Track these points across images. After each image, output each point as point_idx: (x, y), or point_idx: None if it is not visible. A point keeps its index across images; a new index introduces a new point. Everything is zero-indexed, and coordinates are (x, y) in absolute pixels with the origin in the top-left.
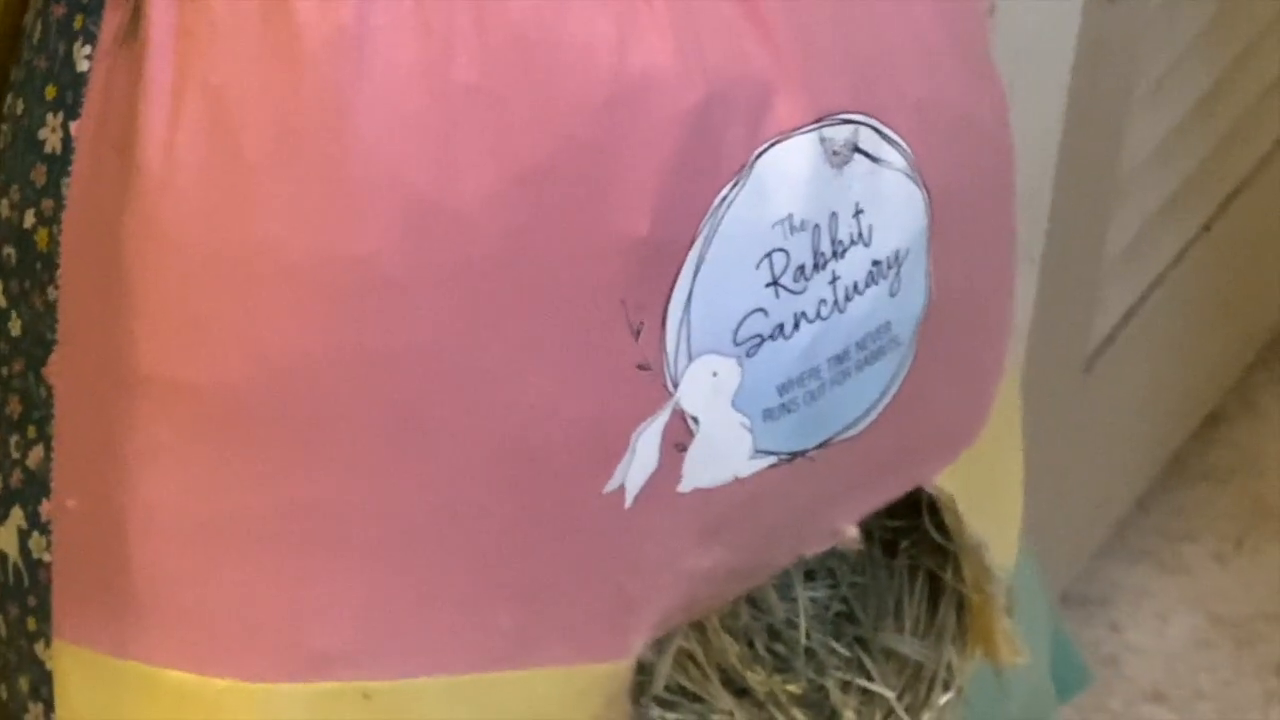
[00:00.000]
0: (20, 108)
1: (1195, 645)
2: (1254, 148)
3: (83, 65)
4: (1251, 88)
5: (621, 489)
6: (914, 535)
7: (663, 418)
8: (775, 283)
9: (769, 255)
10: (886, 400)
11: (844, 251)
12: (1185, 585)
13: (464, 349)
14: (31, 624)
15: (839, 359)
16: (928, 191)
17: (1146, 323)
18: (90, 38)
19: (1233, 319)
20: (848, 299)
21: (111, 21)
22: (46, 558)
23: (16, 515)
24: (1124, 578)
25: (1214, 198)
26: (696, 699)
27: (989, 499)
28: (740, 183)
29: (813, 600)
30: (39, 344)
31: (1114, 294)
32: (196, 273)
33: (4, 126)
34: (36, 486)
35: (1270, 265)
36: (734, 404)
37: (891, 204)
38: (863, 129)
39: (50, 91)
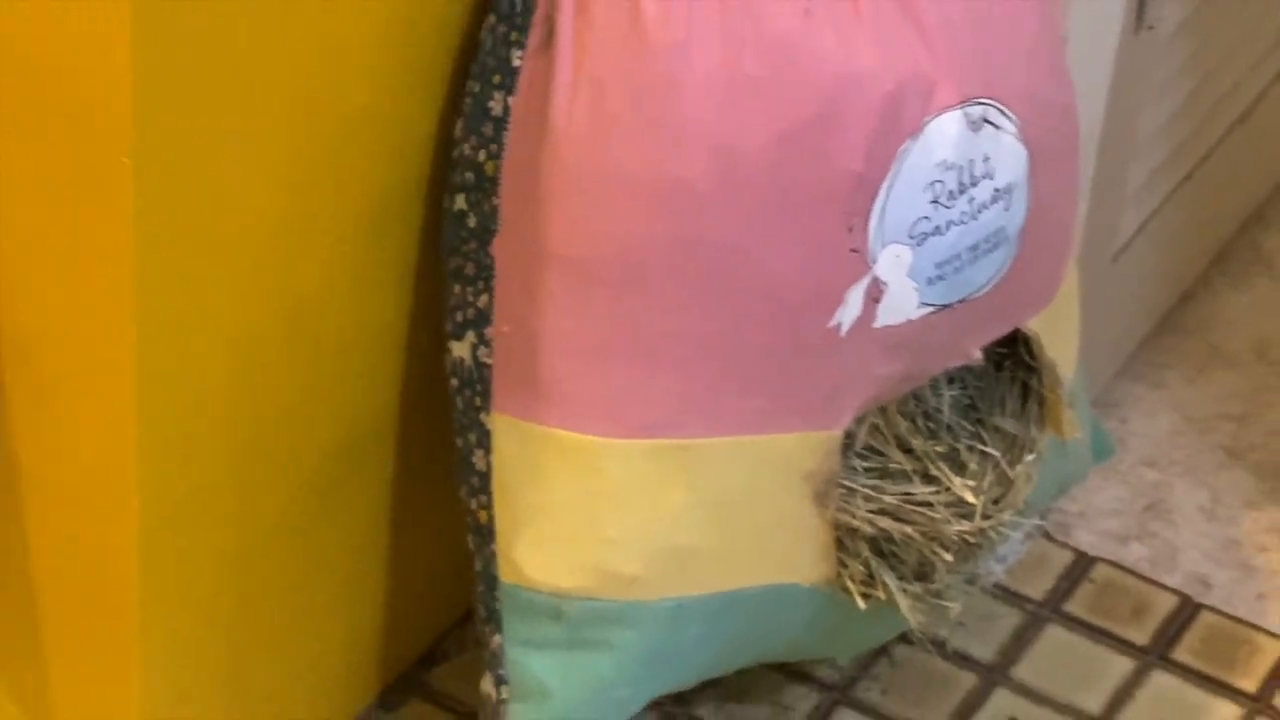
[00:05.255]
0: (476, 88)
1: (1172, 433)
2: (1205, 141)
3: (516, 63)
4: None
5: (839, 325)
6: (1013, 357)
7: (865, 281)
8: (936, 201)
9: (932, 184)
10: (1000, 275)
11: (977, 183)
12: (1166, 396)
13: (743, 237)
14: (478, 401)
15: (973, 249)
16: (1028, 149)
17: (1151, 236)
18: (520, 45)
19: (1202, 232)
20: (979, 212)
21: (534, 37)
22: (488, 361)
23: (470, 336)
24: (1129, 390)
25: (1194, 158)
26: (879, 454)
27: (1059, 335)
28: (915, 139)
29: (952, 396)
30: (486, 232)
31: (1130, 216)
32: (582, 186)
33: (467, 100)
34: (483, 319)
35: (1228, 199)
36: (908, 274)
37: (1007, 155)
38: (989, 108)
39: (495, 78)
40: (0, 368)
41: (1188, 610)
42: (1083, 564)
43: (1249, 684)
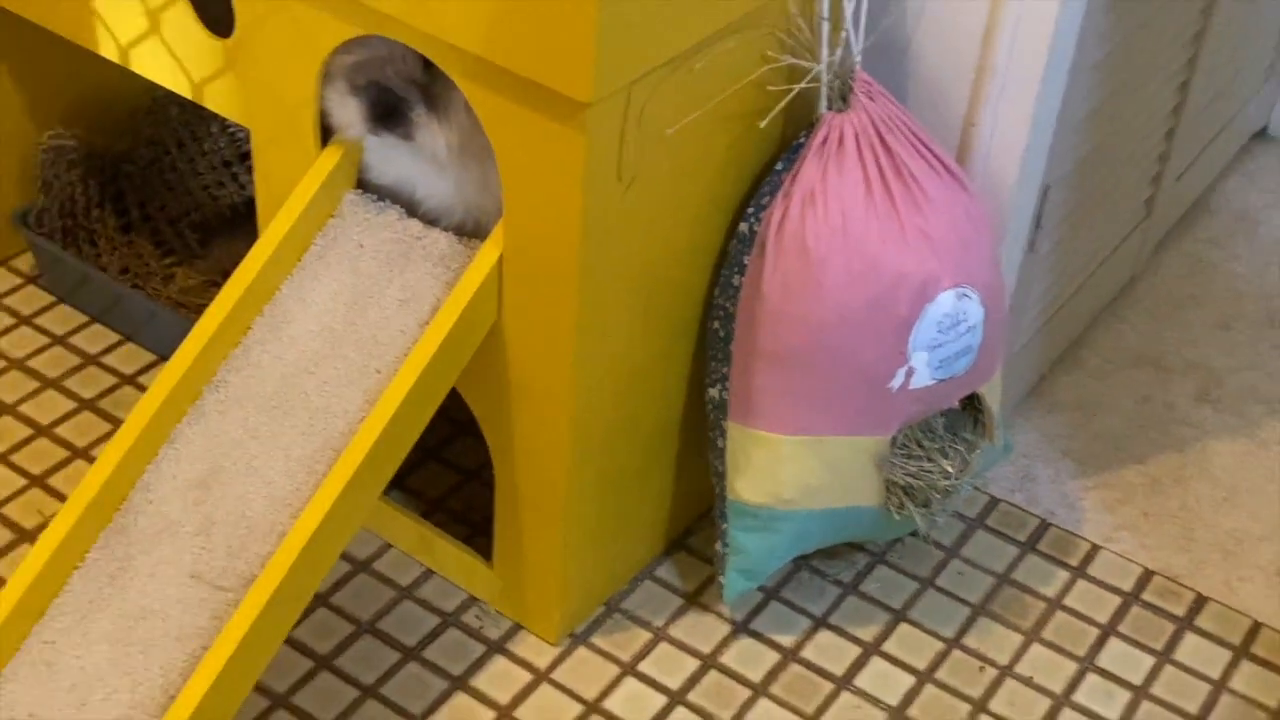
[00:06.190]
0: (725, 271)
1: (1037, 441)
2: (1056, 304)
3: (745, 261)
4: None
5: (892, 387)
6: (971, 403)
7: (906, 368)
8: (940, 331)
9: (939, 322)
10: (969, 367)
11: (959, 323)
12: (1034, 424)
13: (851, 346)
14: (721, 416)
15: (957, 354)
16: (984, 307)
17: (1027, 350)
18: (748, 253)
19: (1051, 346)
20: (960, 337)
21: (754, 250)
22: (727, 398)
23: (719, 385)
24: (1017, 421)
25: (1050, 313)
26: (907, 447)
27: (994, 393)
28: (932, 302)
29: (942, 420)
30: (728, 339)
31: (1019, 338)
32: (775, 321)
33: (721, 277)
34: (725, 378)
35: (1064, 332)
36: (926, 365)
37: (974, 310)
38: (967, 288)
39: (736, 267)
40: (508, 389)
41: (1044, 528)
42: (993, 503)
43: (1074, 562)
